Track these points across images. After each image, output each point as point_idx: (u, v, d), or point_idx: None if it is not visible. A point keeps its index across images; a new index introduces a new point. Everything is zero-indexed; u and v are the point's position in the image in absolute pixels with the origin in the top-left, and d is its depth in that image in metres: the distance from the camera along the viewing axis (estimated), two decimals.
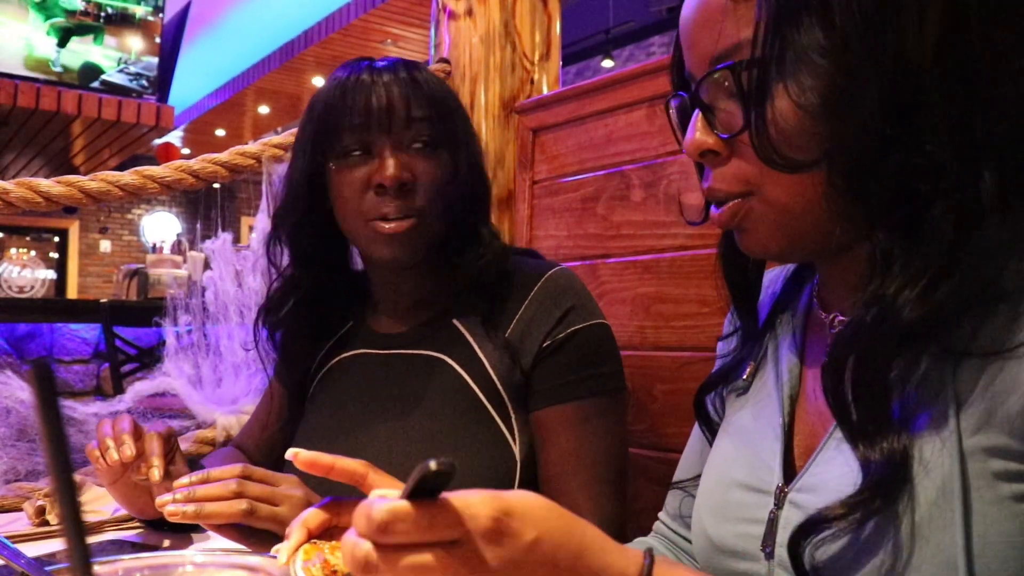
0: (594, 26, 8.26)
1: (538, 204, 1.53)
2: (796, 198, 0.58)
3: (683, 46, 0.64)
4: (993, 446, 0.51)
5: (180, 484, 0.81)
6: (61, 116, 4.79)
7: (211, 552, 0.57)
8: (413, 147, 0.99)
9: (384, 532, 0.45)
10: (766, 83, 0.56)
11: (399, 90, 0.99)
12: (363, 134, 0.98)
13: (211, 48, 7.71)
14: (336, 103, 1.00)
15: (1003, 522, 0.50)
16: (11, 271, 9.08)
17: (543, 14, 1.65)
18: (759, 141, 0.56)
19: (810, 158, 0.56)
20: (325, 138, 1.00)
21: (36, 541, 0.96)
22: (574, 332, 1.00)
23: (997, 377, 0.52)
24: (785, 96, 0.55)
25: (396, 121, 0.98)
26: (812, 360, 0.68)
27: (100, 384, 3.28)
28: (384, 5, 6.31)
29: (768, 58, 0.56)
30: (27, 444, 1.25)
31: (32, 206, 1.37)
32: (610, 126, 1.39)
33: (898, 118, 0.54)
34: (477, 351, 1.02)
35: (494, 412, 0.99)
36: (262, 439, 1.20)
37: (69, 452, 0.34)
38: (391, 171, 0.96)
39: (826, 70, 0.54)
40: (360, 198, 0.99)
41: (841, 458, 0.58)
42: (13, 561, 0.67)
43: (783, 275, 0.78)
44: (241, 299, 1.61)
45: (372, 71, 1.01)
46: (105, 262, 10.89)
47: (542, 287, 1.02)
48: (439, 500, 0.46)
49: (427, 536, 0.45)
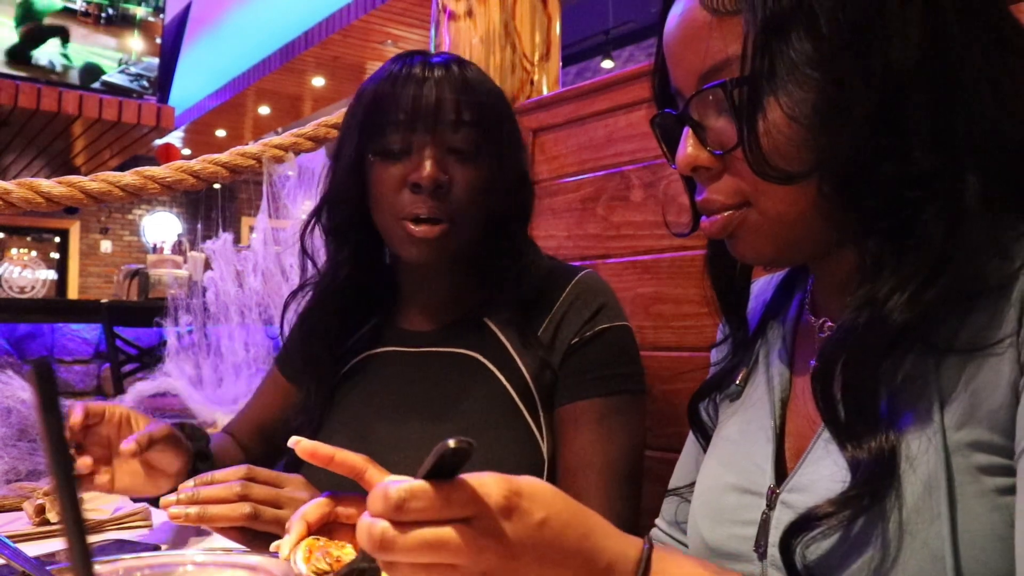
0: (594, 26, 8.26)
1: (538, 204, 1.52)
2: (789, 208, 0.59)
3: (668, 62, 0.65)
4: (976, 441, 0.53)
5: (185, 486, 0.81)
6: (62, 117, 4.80)
7: (211, 552, 0.57)
8: (455, 150, 0.97)
9: (400, 510, 0.45)
10: (757, 98, 0.56)
11: (449, 90, 0.97)
12: (407, 131, 0.96)
13: (211, 49, 7.71)
14: (384, 96, 0.97)
15: (988, 514, 0.51)
16: (12, 271, 9.08)
17: (543, 15, 1.65)
18: (753, 156, 0.57)
19: (803, 169, 0.56)
20: (370, 130, 0.99)
21: (36, 541, 0.96)
22: (602, 331, 1.00)
23: (979, 373, 0.53)
24: (777, 110, 0.56)
25: (442, 122, 0.96)
26: (801, 365, 0.69)
27: (101, 384, 3.29)
28: (384, 6, 6.32)
29: (758, 73, 0.56)
30: (28, 444, 1.25)
31: (33, 206, 1.37)
32: (610, 127, 1.39)
33: (888, 125, 0.54)
34: (510, 350, 1.01)
35: (525, 411, 0.99)
36: (259, 430, 1.18)
37: (70, 452, 0.34)
38: (428, 171, 0.94)
39: (817, 81, 0.55)
40: (395, 195, 0.97)
41: (829, 458, 0.59)
42: (14, 561, 0.67)
43: (774, 282, 0.79)
44: (242, 299, 1.61)
45: (425, 66, 0.98)
46: (106, 262, 10.89)
47: (574, 288, 1.03)
48: (454, 479, 0.46)
49: (443, 513, 0.46)
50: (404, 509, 0.45)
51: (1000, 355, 0.52)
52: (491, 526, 0.47)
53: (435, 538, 0.46)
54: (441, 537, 0.46)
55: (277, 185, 1.51)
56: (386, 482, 0.47)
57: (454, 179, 0.97)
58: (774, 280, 0.79)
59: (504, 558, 0.47)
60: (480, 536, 0.46)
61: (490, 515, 0.47)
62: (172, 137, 9.13)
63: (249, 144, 1.57)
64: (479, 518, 0.46)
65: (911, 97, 0.54)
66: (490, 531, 0.47)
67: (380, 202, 0.99)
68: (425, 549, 0.46)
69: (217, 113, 9.24)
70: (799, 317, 0.72)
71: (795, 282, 0.76)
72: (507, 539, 0.47)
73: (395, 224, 0.98)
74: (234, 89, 8.62)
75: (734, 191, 0.61)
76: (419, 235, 0.96)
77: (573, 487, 0.97)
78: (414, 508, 0.45)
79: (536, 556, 0.48)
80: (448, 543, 0.46)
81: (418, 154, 0.96)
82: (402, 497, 0.45)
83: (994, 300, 0.54)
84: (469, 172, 0.98)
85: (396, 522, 0.46)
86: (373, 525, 0.46)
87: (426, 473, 0.46)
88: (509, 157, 1.02)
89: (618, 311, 1.04)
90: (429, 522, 0.46)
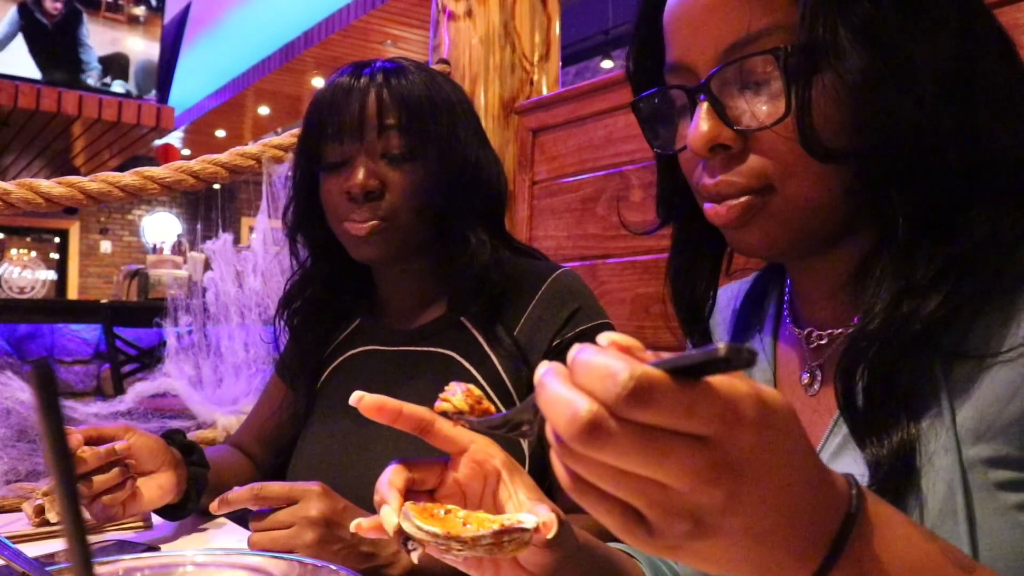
0: (594, 27, 8.26)
1: (538, 205, 1.53)
2: (820, 191, 0.55)
3: (678, 35, 0.60)
4: (994, 456, 0.49)
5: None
6: (62, 117, 4.80)
7: (212, 552, 0.57)
8: (386, 156, 1.01)
9: (632, 398, 0.33)
10: (814, 67, 0.53)
11: (374, 98, 1.00)
12: (338, 144, 1.01)
13: (211, 49, 7.71)
14: (318, 114, 1.03)
15: (1008, 532, 0.49)
16: (12, 272, 9.09)
17: (543, 15, 1.65)
18: (805, 129, 0.53)
19: (850, 147, 0.53)
20: (311, 149, 1.04)
21: (36, 541, 0.96)
22: (582, 332, 1.02)
23: (994, 382, 0.50)
24: (832, 81, 0.53)
25: (367, 131, 1.00)
26: (785, 376, 0.66)
27: (101, 385, 3.29)
28: (384, 6, 6.32)
29: (817, 40, 0.52)
30: (27, 444, 1.25)
31: (33, 207, 1.37)
32: (610, 127, 1.39)
33: (954, 105, 0.51)
34: (486, 349, 1.03)
35: (503, 408, 0.99)
36: (263, 436, 1.20)
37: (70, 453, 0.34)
38: (358, 179, 0.99)
39: (881, 49, 0.51)
40: (336, 203, 1.02)
41: (840, 463, 0.56)
42: (14, 561, 0.67)
43: (742, 291, 0.75)
44: (242, 300, 1.61)
45: (354, 76, 1.02)
46: (106, 263, 10.89)
47: (548, 288, 1.04)
48: (701, 382, 0.34)
49: (679, 422, 0.34)
50: (636, 398, 0.33)
51: (1014, 363, 0.49)
52: (733, 456, 0.35)
53: (666, 447, 0.34)
54: (672, 449, 0.34)
55: (276, 185, 1.51)
56: (610, 355, 0.34)
57: (388, 183, 1.00)
58: (741, 289, 0.76)
59: (731, 497, 0.35)
60: (717, 465, 0.35)
61: (735, 442, 0.35)
62: (172, 137, 9.13)
63: (249, 144, 1.57)
64: (721, 442, 0.35)
65: (983, 78, 0.51)
66: (729, 462, 0.35)
67: (328, 212, 1.05)
68: (647, 456, 0.34)
69: (217, 113, 9.24)
70: (777, 328, 0.69)
71: (766, 291, 0.72)
72: (745, 474, 0.35)
73: (339, 227, 1.03)
74: (234, 89, 8.63)
75: (758, 173, 0.56)
76: (355, 232, 1.00)
77: None
78: (648, 401, 0.33)
79: (769, 487, 0.37)
80: (679, 458, 0.34)
81: (350, 165, 1.01)
82: (639, 385, 0.33)
83: (1007, 303, 0.51)
84: (400, 175, 1.01)
85: (616, 414, 0.34)
86: (583, 402, 0.34)
87: (671, 366, 0.34)
88: (450, 155, 1.03)
89: (596, 310, 1.05)
90: (654, 427, 0.34)
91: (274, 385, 1.22)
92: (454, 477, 0.61)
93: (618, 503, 0.37)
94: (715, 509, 0.36)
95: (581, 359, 0.35)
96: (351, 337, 1.15)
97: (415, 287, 1.10)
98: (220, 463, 1.11)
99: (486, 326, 1.04)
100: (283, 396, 1.19)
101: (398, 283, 1.11)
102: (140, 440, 0.94)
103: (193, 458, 1.02)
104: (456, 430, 0.62)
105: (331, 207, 1.04)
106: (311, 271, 1.13)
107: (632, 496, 0.36)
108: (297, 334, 1.16)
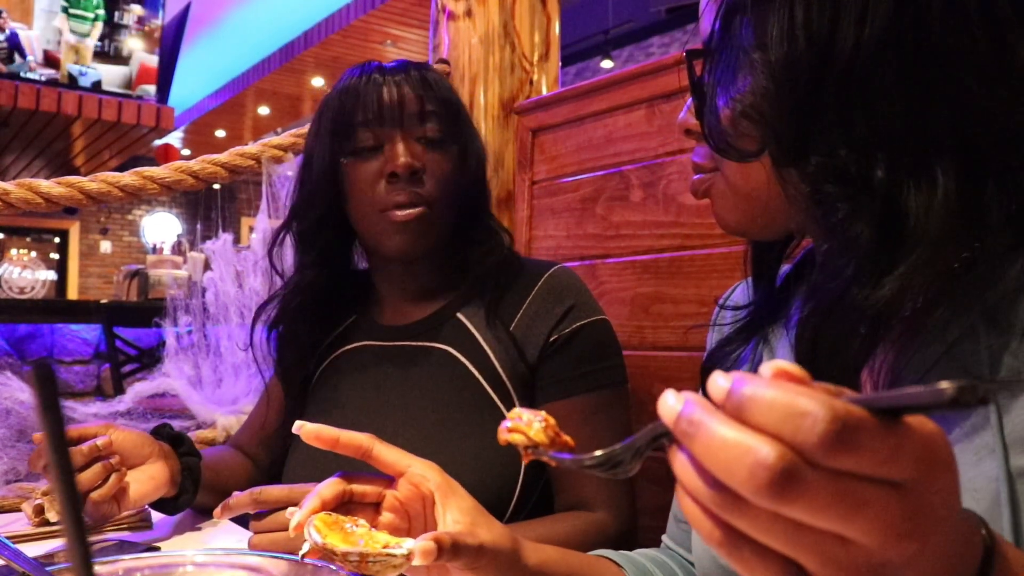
0: (593, 26, 8.26)
1: (537, 204, 1.53)
2: (747, 180, 0.60)
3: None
4: None
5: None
6: (61, 117, 4.79)
7: (212, 552, 0.57)
8: (423, 139, 1.04)
9: (839, 444, 0.29)
10: (715, 74, 0.58)
11: (410, 87, 1.04)
12: (376, 128, 1.02)
13: (211, 49, 7.71)
14: (349, 101, 1.04)
15: None
16: (12, 272, 9.08)
17: (542, 15, 1.65)
18: (708, 132, 0.59)
19: (754, 149, 0.57)
20: (340, 135, 1.04)
21: (36, 541, 0.96)
22: (579, 328, 1.02)
23: None
24: (734, 88, 0.57)
25: (408, 115, 1.03)
26: None
27: (100, 385, 3.29)
28: (384, 6, 6.32)
29: (715, 50, 0.58)
30: (27, 444, 1.25)
31: (33, 207, 1.37)
32: (609, 126, 1.39)
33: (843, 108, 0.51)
34: (482, 343, 1.03)
35: (499, 402, 1.00)
36: (262, 438, 1.21)
37: (70, 453, 0.34)
38: (403, 158, 1.00)
39: (762, 63, 0.54)
40: (373, 189, 1.02)
41: None
42: (14, 561, 0.67)
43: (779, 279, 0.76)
44: (241, 300, 1.61)
45: (383, 71, 1.05)
46: (105, 263, 10.89)
47: (545, 283, 1.05)
48: (900, 421, 0.30)
49: (882, 468, 0.30)
50: (841, 442, 0.29)
51: None
52: (926, 503, 0.31)
53: (862, 497, 0.30)
54: (869, 499, 0.30)
55: (276, 185, 1.51)
56: (796, 391, 0.30)
57: (427, 165, 1.02)
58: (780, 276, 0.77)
59: (920, 551, 0.31)
60: (914, 515, 0.31)
61: (931, 487, 0.31)
62: (172, 137, 9.13)
63: (248, 144, 1.57)
64: (918, 488, 0.30)
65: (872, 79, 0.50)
66: (924, 511, 0.31)
67: (359, 199, 1.04)
68: (842, 508, 0.30)
69: (217, 113, 9.25)
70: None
71: (797, 283, 0.73)
72: (937, 522, 0.31)
73: (377, 217, 1.02)
74: (234, 89, 8.63)
75: (709, 155, 0.64)
76: (402, 218, 1.01)
77: (572, 487, 0.99)
78: (855, 446, 0.29)
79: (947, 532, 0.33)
80: (875, 510, 0.30)
81: (390, 147, 1.02)
82: (846, 426, 0.29)
83: None
84: (439, 158, 1.04)
85: (812, 461, 0.29)
86: (769, 449, 0.29)
87: (874, 405, 0.30)
88: (471, 145, 1.08)
89: (592, 306, 1.06)
90: (851, 475, 0.30)
91: (275, 386, 1.22)
92: (395, 496, 0.66)
93: (778, 560, 0.32)
94: (901, 564, 0.31)
95: (759, 396, 0.30)
96: (345, 333, 1.15)
97: (414, 284, 1.10)
98: (220, 465, 1.11)
99: (481, 321, 1.04)
100: (280, 399, 1.19)
101: (401, 278, 1.11)
102: (122, 435, 0.94)
103: (183, 448, 1.02)
104: (395, 455, 0.67)
105: (366, 193, 1.03)
106: (310, 274, 1.11)
107: (804, 553, 0.31)
108: (285, 338, 1.15)
